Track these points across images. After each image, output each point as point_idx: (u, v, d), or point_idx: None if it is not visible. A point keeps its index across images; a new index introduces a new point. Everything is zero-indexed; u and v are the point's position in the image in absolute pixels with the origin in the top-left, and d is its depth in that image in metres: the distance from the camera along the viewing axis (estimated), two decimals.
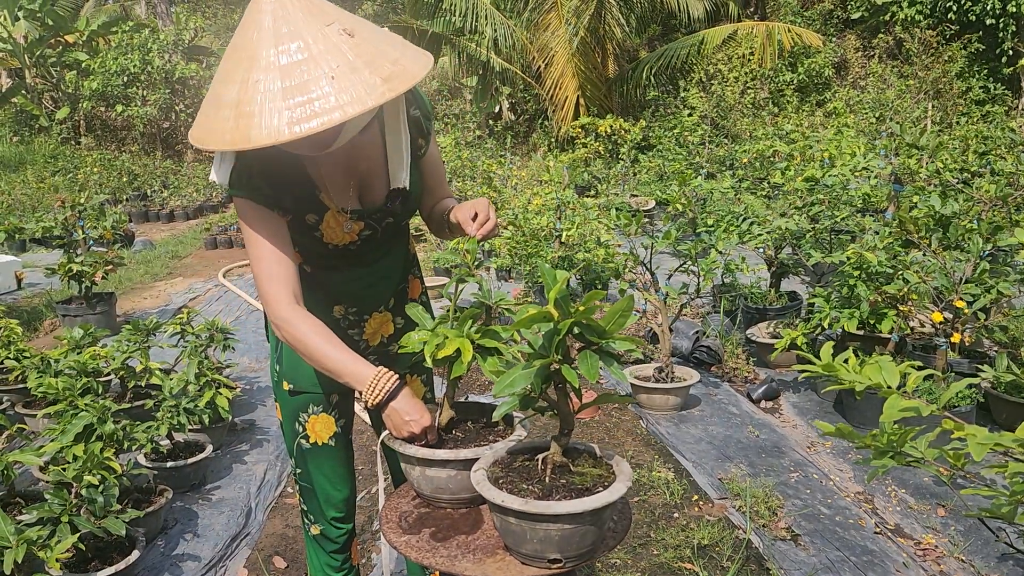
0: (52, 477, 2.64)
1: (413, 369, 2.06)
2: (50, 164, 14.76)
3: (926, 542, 2.95)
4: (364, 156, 1.74)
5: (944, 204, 3.98)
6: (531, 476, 1.51)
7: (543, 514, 1.36)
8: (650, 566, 2.85)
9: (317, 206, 1.71)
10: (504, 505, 1.39)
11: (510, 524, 1.42)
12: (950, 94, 12.14)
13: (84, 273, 5.71)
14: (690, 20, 14.48)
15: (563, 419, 1.52)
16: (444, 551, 1.51)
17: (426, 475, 1.64)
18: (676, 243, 4.60)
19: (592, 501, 1.38)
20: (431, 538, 1.57)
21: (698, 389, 4.53)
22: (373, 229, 1.79)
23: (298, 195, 1.68)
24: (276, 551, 3.06)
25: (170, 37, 15.68)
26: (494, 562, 1.47)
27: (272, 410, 4.49)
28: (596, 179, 10.80)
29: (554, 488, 1.46)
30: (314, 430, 1.96)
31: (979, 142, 7.80)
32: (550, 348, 1.38)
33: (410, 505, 1.71)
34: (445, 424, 1.73)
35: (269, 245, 1.64)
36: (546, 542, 1.40)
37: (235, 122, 1.39)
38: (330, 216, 1.72)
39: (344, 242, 1.76)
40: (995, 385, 3.76)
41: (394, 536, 1.58)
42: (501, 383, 1.39)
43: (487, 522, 1.62)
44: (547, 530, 1.38)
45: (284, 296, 1.63)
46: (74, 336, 3.92)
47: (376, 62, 1.42)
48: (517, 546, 1.44)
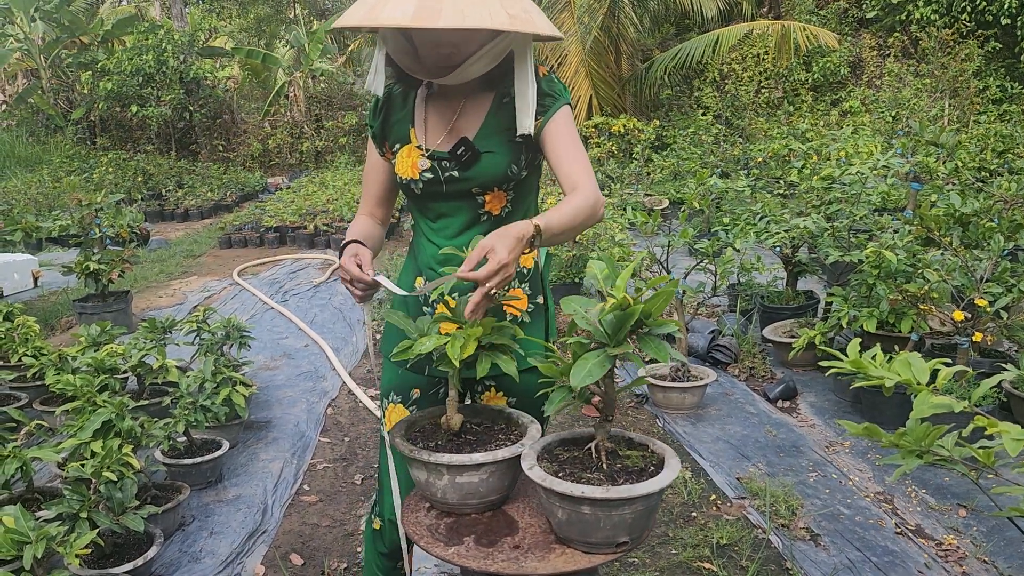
0: (71, 473, 2.65)
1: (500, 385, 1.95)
2: (65, 164, 14.86)
3: (948, 543, 2.92)
4: (470, 112, 1.88)
5: (964, 202, 3.94)
6: (586, 465, 1.53)
7: (623, 498, 1.39)
8: (669, 565, 2.84)
9: (405, 137, 1.92)
10: (583, 496, 1.39)
11: (583, 515, 1.42)
12: (967, 93, 12.02)
13: (100, 271, 5.73)
14: (703, 20, 14.43)
15: (608, 407, 1.54)
16: (501, 555, 1.47)
17: (456, 482, 1.57)
18: (692, 242, 4.57)
19: (661, 480, 1.42)
20: (478, 545, 1.52)
21: (715, 388, 4.50)
22: (435, 175, 1.87)
23: (397, 122, 1.94)
24: (293, 548, 3.06)
25: (184, 38, 15.75)
26: (557, 556, 1.46)
27: (288, 408, 4.50)
28: (610, 179, 10.77)
29: (613, 473, 1.48)
30: (389, 420, 1.98)
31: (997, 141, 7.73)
32: (615, 335, 1.41)
33: (431, 518, 1.65)
34: (458, 428, 1.70)
35: (368, 172, 2.04)
36: (619, 526, 1.42)
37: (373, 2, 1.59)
38: (408, 148, 1.90)
39: (407, 176, 1.89)
40: (1017, 385, 3.72)
41: (438, 551, 1.51)
42: (578, 373, 1.39)
43: (523, 519, 1.60)
44: (622, 514, 1.41)
45: (363, 208, 2.06)
46: (91, 334, 3.93)
47: (510, 1, 1.62)
48: (585, 536, 1.45)
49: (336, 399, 4.66)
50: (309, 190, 12.03)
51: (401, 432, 1.71)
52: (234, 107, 17.78)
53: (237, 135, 17.40)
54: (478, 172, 1.83)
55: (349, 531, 3.18)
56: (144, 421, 2.97)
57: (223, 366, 3.76)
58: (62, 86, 17.03)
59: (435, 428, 1.75)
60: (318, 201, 10.79)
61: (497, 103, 1.87)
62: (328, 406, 4.54)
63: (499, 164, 1.83)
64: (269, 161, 17.16)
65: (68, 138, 16.25)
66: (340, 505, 3.40)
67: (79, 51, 16.52)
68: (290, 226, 9.95)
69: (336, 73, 17.63)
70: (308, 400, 4.61)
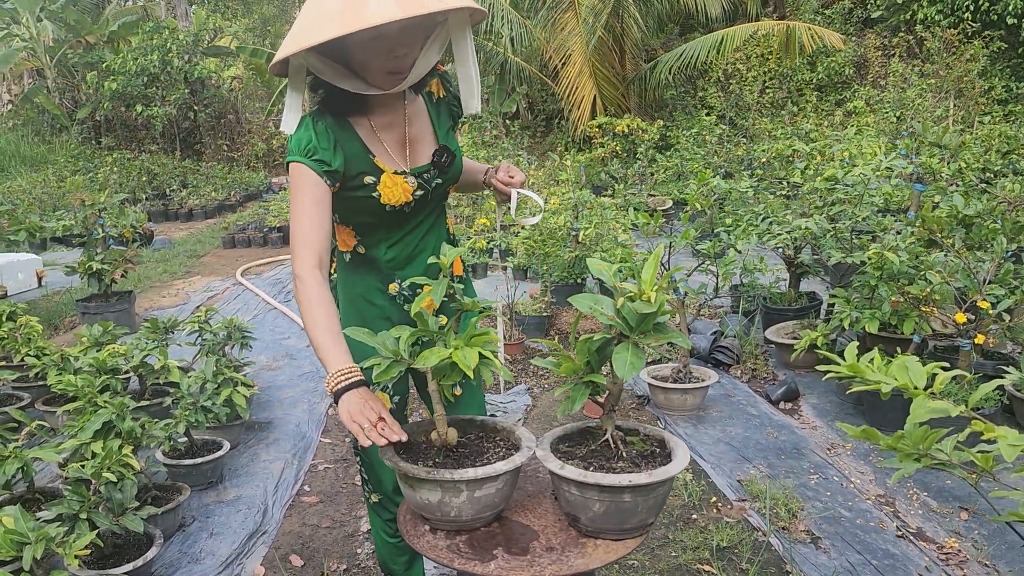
0: (71, 474, 2.65)
1: None
2: (70, 164, 14.90)
3: (949, 546, 2.91)
4: (415, 118, 1.96)
5: (967, 204, 3.92)
6: (605, 455, 1.58)
7: (659, 481, 1.44)
8: (669, 567, 2.83)
9: (372, 168, 1.88)
10: (629, 484, 1.42)
11: (623, 503, 1.45)
12: (972, 93, 11.98)
13: (103, 271, 5.75)
14: (708, 20, 14.40)
15: (613, 397, 1.59)
16: (543, 559, 1.47)
17: (475, 497, 1.54)
18: (695, 242, 4.56)
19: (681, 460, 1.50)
20: (513, 555, 1.49)
21: (716, 390, 4.50)
22: (425, 189, 1.93)
23: (352, 155, 1.86)
24: (293, 549, 3.06)
25: (189, 37, 15.77)
26: (595, 549, 1.49)
27: (289, 408, 4.50)
28: (613, 179, 10.76)
29: (633, 459, 1.54)
30: None
31: (1002, 142, 7.69)
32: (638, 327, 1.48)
33: (443, 539, 1.59)
34: (455, 442, 1.68)
35: (309, 210, 1.79)
36: (652, 508, 1.49)
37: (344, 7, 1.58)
38: (386, 178, 1.88)
39: (400, 202, 1.90)
40: (1019, 387, 3.70)
41: (479, 568, 1.47)
42: (621, 366, 1.43)
43: (538, 520, 1.61)
44: (656, 496, 1.47)
45: (310, 258, 1.76)
46: (93, 334, 3.94)
47: None
48: (622, 523, 1.48)
49: None
50: None
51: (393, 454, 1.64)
52: (238, 107, 17.80)
53: (241, 135, 17.43)
54: (454, 172, 1.99)
55: (349, 532, 3.18)
56: (145, 422, 2.97)
57: (224, 366, 3.77)
58: (67, 86, 17.06)
59: (424, 445, 1.72)
60: None
61: (428, 102, 2.01)
62: (329, 407, 4.54)
63: (460, 157, 2.03)
64: (273, 161, 17.19)
65: (73, 138, 16.29)
66: (340, 506, 3.40)
67: (84, 51, 16.56)
68: None
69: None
70: (309, 401, 4.61)
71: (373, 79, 1.78)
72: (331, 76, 1.77)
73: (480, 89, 1.91)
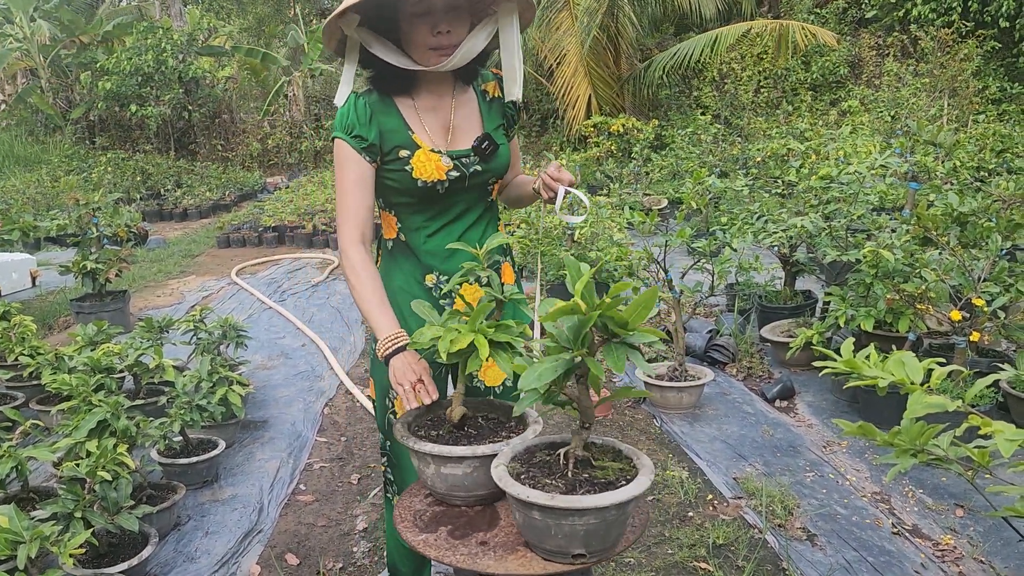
0: (66, 473, 2.64)
1: None
2: (64, 164, 14.85)
3: (944, 543, 2.91)
4: (461, 107, 2.00)
5: (962, 202, 3.93)
6: (553, 471, 1.49)
7: (570, 508, 1.34)
8: (665, 565, 2.83)
9: (409, 143, 1.92)
10: (529, 500, 1.36)
11: (534, 520, 1.39)
12: (966, 92, 12.01)
13: (98, 271, 5.73)
14: (703, 19, 14.42)
15: (583, 413, 1.49)
16: (464, 549, 1.49)
17: (441, 473, 1.61)
18: (690, 241, 4.56)
19: (618, 495, 1.36)
20: (449, 536, 1.54)
21: (712, 388, 4.50)
22: (461, 172, 1.95)
23: (390, 129, 1.92)
24: (288, 548, 3.05)
25: (183, 37, 15.73)
26: (515, 559, 1.44)
27: (284, 407, 4.49)
28: (608, 178, 10.76)
29: (577, 482, 1.44)
30: (400, 406, 2.02)
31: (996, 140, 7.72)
32: (576, 341, 1.36)
33: (424, 504, 1.69)
34: (458, 420, 1.71)
35: (352, 187, 1.90)
36: (571, 537, 1.37)
37: None
38: (421, 153, 1.92)
39: (432, 178, 1.92)
40: (1014, 384, 3.71)
41: (411, 535, 1.56)
42: (527, 377, 1.36)
43: (504, 519, 1.60)
44: (572, 525, 1.36)
45: (352, 232, 1.89)
46: (88, 333, 3.92)
47: None
48: (540, 542, 1.42)
49: (333, 399, 4.65)
50: (308, 189, 12.03)
51: (409, 419, 1.75)
52: (233, 107, 17.76)
53: (236, 135, 17.39)
54: (496, 163, 2.00)
55: (345, 531, 3.17)
56: (140, 420, 2.96)
57: (220, 365, 3.75)
58: (61, 86, 17.01)
59: (443, 419, 1.78)
60: (317, 200, 10.79)
61: (481, 99, 2.05)
62: (325, 406, 4.53)
63: (506, 154, 2.03)
64: (268, 161, 17.15)
65: (67, 137, 16.24)
66: (336, 505, 3.40)
67: (78, 51, 16.50)
68: (288, 225, 9.95)
69: (335, 73, 17.60)
70: (305, 400, 4.60)
71: (418, 55, 1.87)
72: (380, 50, 1.87)
73: (522, 79, 1.98)
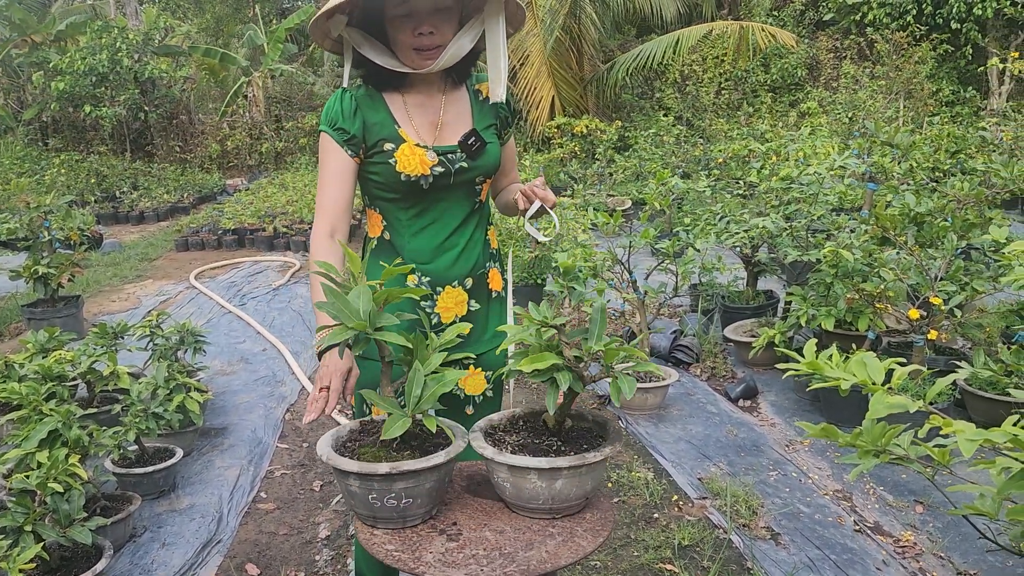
0: (15, 485, 2.55)
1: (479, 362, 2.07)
2: (16, 166, 14.48)
3: (905, 539, 2.95)
4: (452, 105, 2.01)
5: (919, 202, 3.99)
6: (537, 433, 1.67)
7: None
8: (631, 567, 2.82)
9: (394, 136, 1.93)
10: None
11: None
12: (921, 94, 12.25)
13: (50, 275, 5.58)
14: (664, 22, 14.52)
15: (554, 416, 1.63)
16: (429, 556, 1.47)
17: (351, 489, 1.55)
18: (654, 242, 4.58)
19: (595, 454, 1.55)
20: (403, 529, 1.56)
21: (677, 388, 4.51)
22: (446, 168, 1.94)
23: (376, 122, 1.93)
24: (248, 558, 2.99)
25: (139, 36, 15.42)
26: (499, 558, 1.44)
27: (245, 414, 4.41)
28: (573, 179, 10.78)
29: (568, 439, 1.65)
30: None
31: (950, 142, 7.87)
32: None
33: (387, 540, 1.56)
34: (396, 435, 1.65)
35: (331, 180, 1.92)
36: None
37: None
38: (406, 147, 1.91)
39: (416, 172, 1.91)
40: (970, 382, 3.78)
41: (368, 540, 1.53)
42: None
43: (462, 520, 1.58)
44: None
45: (324, 226, 1.91)
46: (39, 340, 3.81)
47: None
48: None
49: (295, 404, 4.58)
50: (269, 191, 11.86)
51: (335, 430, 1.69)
52: (191, 107, 17.46)
53: (194, 136, 17.08)
54: (483, 161, 1.99)
55: (307, 539, 3.12)
56: (93, 430, 2.88)
57: (177, 372, 3.67)
58: (12, 86, 16.59)
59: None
60: (278, 203, 10.64)
61: (473, 97, 2.05)
62: (286, 411, 4.46)
63: (495, 153, 2.02)
64: (227, 162, 16.87)
65: (19, 139, 15.82)
66: (298, 512, 3.34)
67: (30, 50, 16.09)
68: (249, 228, 9.80)
69: (296, 73, 17.41)
70: (266, 405, 4.53)
71: (403, 56, 1.89)
72: (369, 51, 1.90)
73: (506, 79, 1.98)
